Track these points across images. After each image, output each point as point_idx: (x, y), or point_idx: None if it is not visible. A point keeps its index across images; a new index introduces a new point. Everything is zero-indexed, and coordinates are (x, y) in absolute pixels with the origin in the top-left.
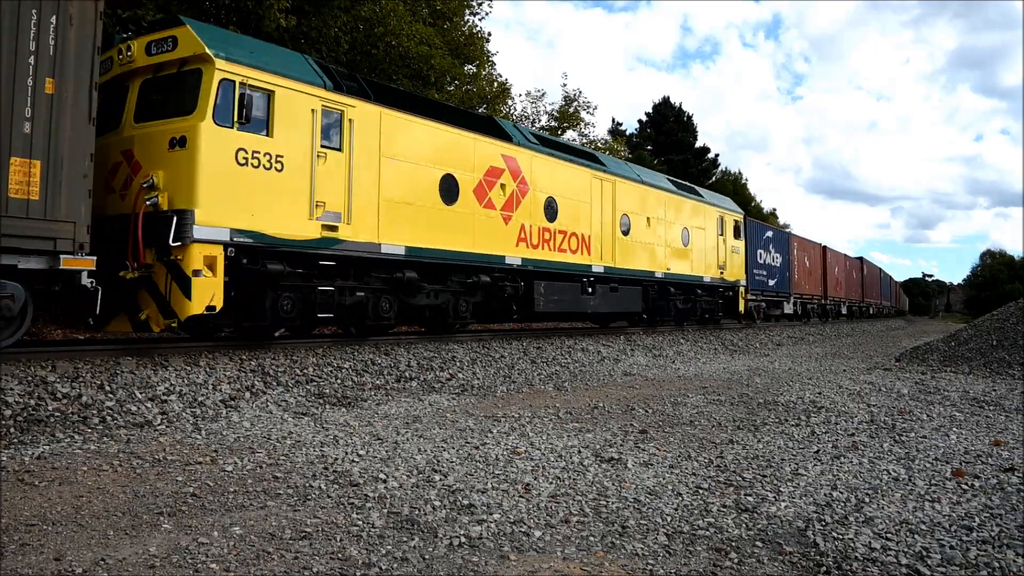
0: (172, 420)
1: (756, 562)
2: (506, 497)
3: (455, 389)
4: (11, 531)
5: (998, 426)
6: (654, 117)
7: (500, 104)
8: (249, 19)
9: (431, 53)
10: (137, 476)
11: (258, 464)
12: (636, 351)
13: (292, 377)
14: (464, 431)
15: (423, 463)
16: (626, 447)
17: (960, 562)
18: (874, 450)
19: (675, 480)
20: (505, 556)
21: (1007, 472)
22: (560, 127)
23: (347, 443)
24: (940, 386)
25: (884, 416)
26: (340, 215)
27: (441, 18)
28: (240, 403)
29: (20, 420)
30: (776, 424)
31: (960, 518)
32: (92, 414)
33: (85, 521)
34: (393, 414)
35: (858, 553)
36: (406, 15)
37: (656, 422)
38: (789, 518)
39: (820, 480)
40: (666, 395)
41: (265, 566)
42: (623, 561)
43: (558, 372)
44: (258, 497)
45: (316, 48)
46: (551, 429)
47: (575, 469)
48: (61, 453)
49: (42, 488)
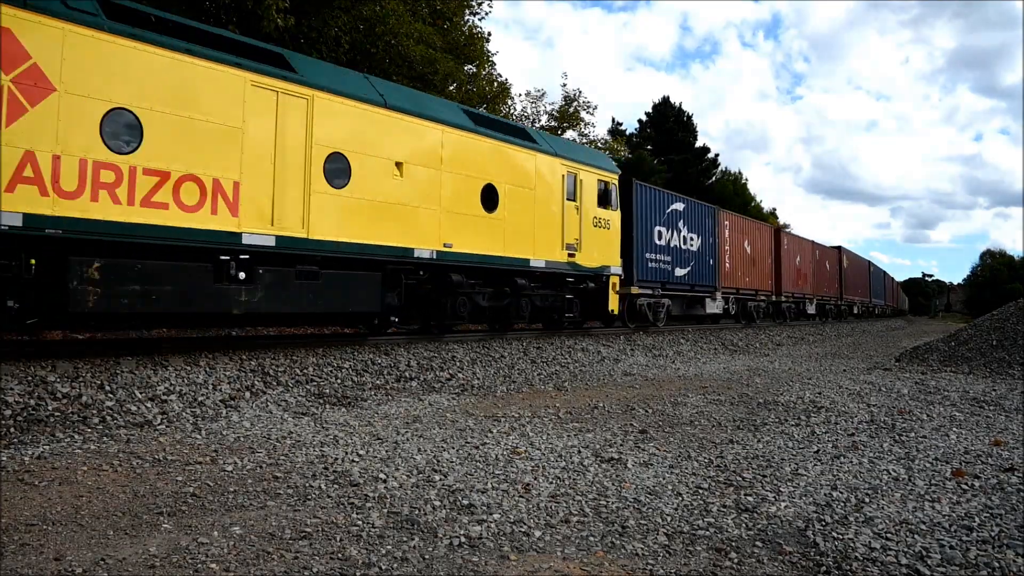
0: (172, 420)
1: (756, 562)
2: (506, 497)
3: (455, 389)
4: (11, 531)
5: (998, 426)
6: (654, 117)
7: (500, 104)
8: (249, 19)
9: (434, 56)
10: (137, 476)
11: (258, 464)
12: (636, 351)
13: (292, 377)
14: (464, 431)
15: (423, 463)
16: (626, 447)
17: (960, 562)
18: (874, 450)
19: (675, 480)
20: (505, 556)
21: (1007, 472)
22: (560, 127)
23: (347, 443)
24: (940, 386)
25: (884, 416)
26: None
27: (441, 18)
28: (240, 403)
29: (20, 420)
30: (776, 424)
31: (960, 518)
32: (92, 414)
33: (85, 521)
34: (393, 414)
35: (858, 553)
36: (406, 15)
37: (656, 422)
38: (789, 518)
39: (820, 480)
40: (666, 395)
41: (265, 566)
42: (623, 561)
43: (558, 372)
44: (258, 497)
45: (316, 48)
46: (551, 429)
47: (575, 469)
48: (61, 453)
49: (42, 488)
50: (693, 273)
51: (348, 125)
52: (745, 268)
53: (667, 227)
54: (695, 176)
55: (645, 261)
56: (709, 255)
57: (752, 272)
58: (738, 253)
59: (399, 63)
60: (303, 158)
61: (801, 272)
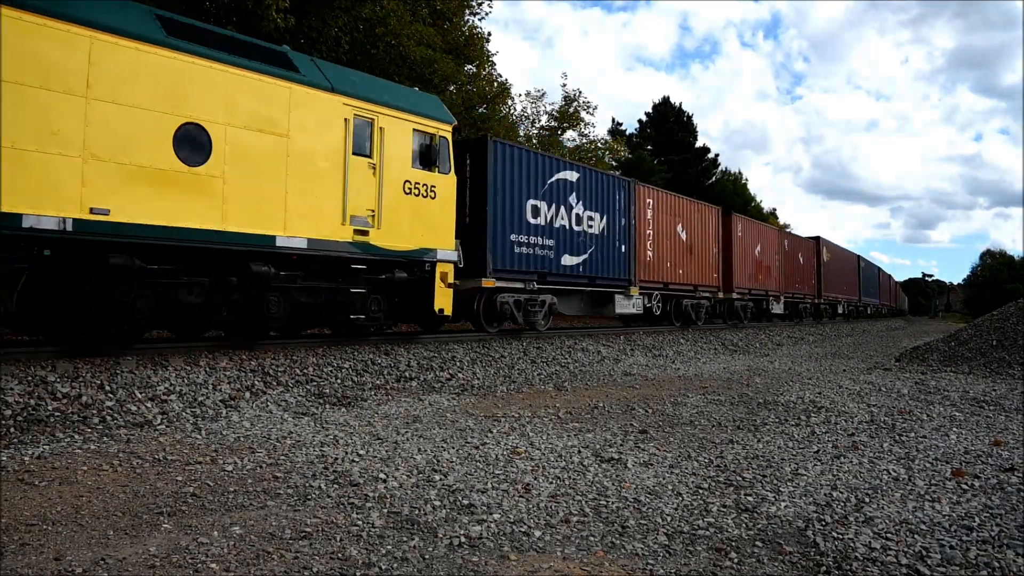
0: (172, 420)
1: (756, 562)
2: (506, 497)
3: (455, 389)
4: (11, 531)
5: (998, 426)
6: (654, 117)
7: (500, 104)
8: (249, 19)
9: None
10: (137, 476)
11: (258, 464)
12: (636, 351)
13: (292, 377)
14: (464, 431)
15: (423, 463)
16: (626, 447)
17: (960, 562)
18: (874, 450)
19: (675, 480)
20: (505, 556)
21: (1007, 472)
22: (560, 127)
23: (347, 443)
24: (940, 386)
25: (884, 416)
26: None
27: (441, 18)
28: (240, 403)
29: (20, 420)
30: (776, 424)
31: (960, 518)
32: (92, 414)
33: (85, 521)
34: (393, 414)
35: (858, 553)
36: (406, 15)
37: (656, 422)
38: (789, 518)
39: (820, 480)
40: (666, 395)
41: (265, 566)
42: (623, 561)
43: (558, 372)
44: (258, 497)
45: (316, 48)
46: (551, 429)
47: (575, 469)
48: (61, 453)
49: (42, 488)
50: (593, 263)
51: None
52: (678, 257)
53: (549, 202)
54: (695, 176)
55: (509, 245)
56: (620, 240)
57: (689, 263)
58: (667, 239)
59: (399, 64)
60: None
61: (762, 265)
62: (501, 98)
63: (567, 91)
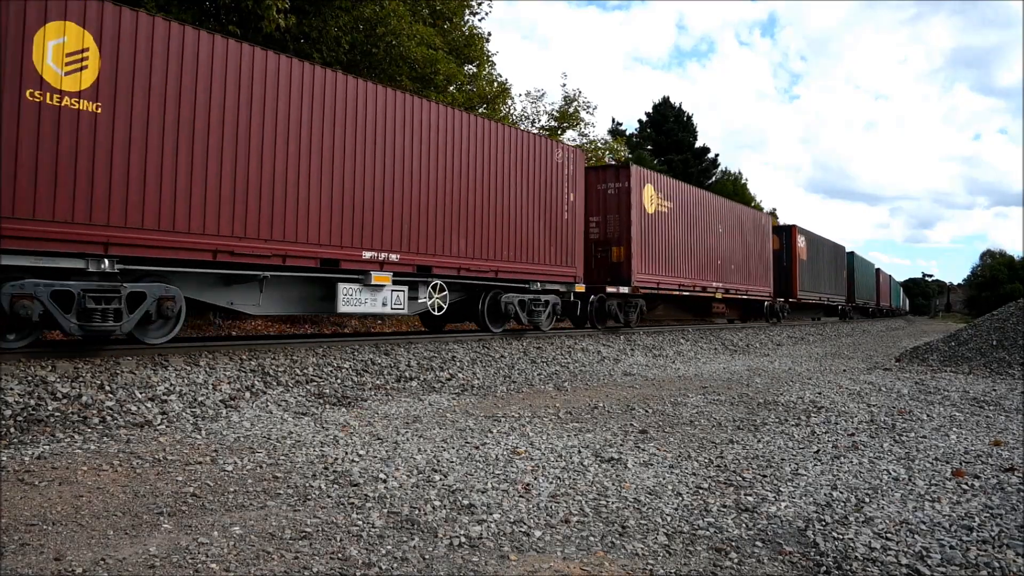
0: (172, 420)
1: (756, 562)
2: (506, 497)
3: (455, 389)
4: (11, 531)
5: (998, 426)
6: (654, 117)
7: (500, 104)
8: (249, 19)
9: (436, 57)
10: (137, 476)
11: (258, 464)
12: (636, 351)
13: (292, 377)
14: (464, 431)
15: (423, 463)
16: (626, 447)
17: (960, 562)
18: (874, 450)
19: (675, 480)
20: (505, 556)
21: (1007, 472)
22: (560, 127)
23: (347, 443)
24: (940, 386)
25: (884, 416)
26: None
27: (441, 18)
28: (240, 403)
29: (20, 420)
30: (776, 424)
31: (960, 518)
32: (92, 414)
33: (85, 521)
34: (393, 414)
35: (858, 553)
36: (407, 15)
37: (656, 422)
38: (789, 518)
39: (820, 480)
40: (666, 395)
41: (265, 566)
42: (623, 561)
43: (558, 372)
44: (258, 497)
45: (316, 48)
46: (551, 429)
47: (575, 469)
48: (61, 453)
49: (42, 488)
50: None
51: None
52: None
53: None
54: (695, 176)
55: None
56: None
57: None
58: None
59: (400, 64)
60: None
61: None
62: (501, 98)
63: (567, 91)
